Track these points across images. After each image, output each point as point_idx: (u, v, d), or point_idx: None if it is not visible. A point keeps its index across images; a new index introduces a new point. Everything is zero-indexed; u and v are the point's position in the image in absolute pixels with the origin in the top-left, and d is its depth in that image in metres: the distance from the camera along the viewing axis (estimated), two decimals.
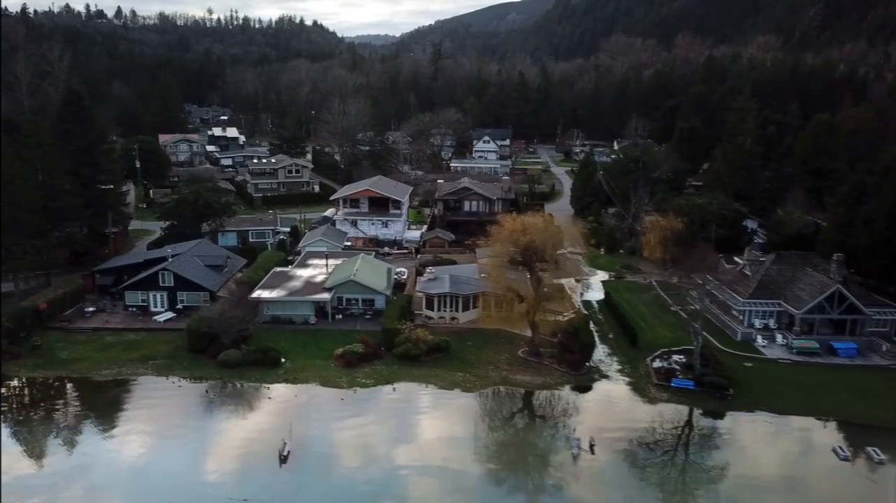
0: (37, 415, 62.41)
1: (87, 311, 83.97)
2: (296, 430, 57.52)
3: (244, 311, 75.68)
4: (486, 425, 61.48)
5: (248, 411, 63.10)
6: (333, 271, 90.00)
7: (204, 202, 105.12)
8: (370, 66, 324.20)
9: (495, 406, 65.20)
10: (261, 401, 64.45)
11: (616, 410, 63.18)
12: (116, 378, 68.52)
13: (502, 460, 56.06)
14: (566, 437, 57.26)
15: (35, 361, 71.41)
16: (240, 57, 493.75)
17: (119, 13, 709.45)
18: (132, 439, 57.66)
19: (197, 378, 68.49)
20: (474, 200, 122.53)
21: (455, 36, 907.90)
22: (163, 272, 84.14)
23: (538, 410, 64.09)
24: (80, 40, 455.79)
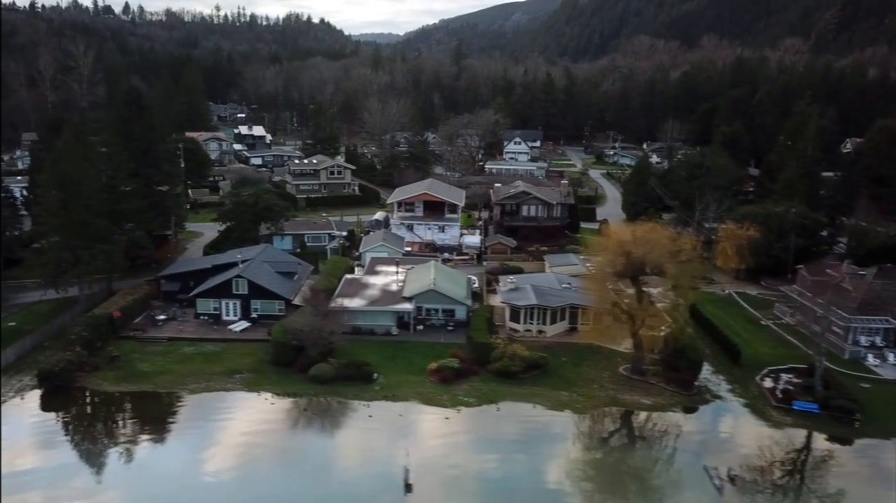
0: (132, 434, 59.08)
1: (158, 320, 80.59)
2: (411, 454, 54.23)
3: (330, 322, 72.30)
4: (610, 450, 58.24)
5: (353, 432, 59.79)
6: (407, 279, 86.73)
7: (264, 205, 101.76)
8: (391, 64, 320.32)
9: (612, 429, 61.98)
10: (363, 421, 61.08)
11: (742, 435, 59.90)
12: (206, 393, 64.92)
13: (644, 496, 52.50)
14: (704, 467, 53.80)
15: (116, 374, 68.06)
16: (248, 54, 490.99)
17: (127, 9, 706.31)
18: (245, 461, 54.38)
19: (290, 394, 65.22)
20: (533, 205, 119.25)
21: (461, 35, 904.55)
22: (237, 279, 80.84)
23: (658, 434, 60.75)
24: (91, 36, 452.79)
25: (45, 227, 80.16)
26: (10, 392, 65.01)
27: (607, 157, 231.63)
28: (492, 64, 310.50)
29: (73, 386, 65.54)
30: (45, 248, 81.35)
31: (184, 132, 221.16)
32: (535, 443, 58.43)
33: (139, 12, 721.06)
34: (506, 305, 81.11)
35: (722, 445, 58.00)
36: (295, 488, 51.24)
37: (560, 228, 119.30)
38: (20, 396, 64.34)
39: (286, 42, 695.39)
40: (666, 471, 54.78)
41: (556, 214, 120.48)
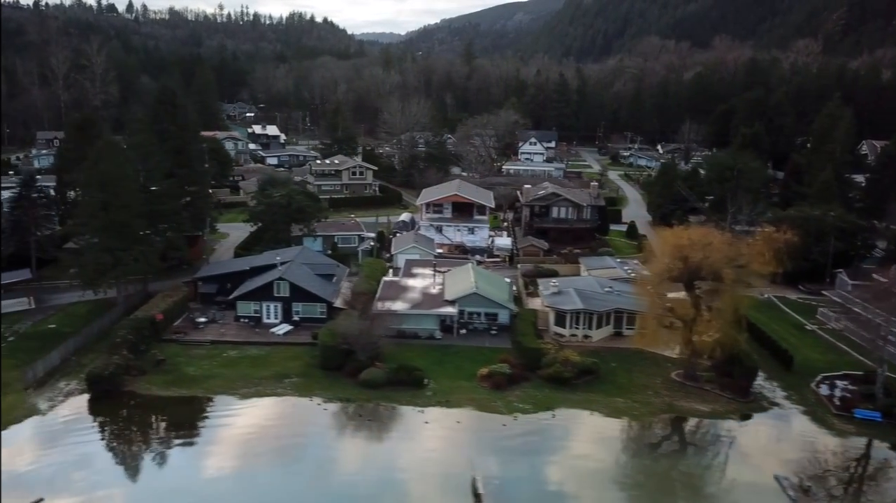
0: (192, 439, 58.19)
1: (199, 322, 79.65)
2: (476, 463, 53.34)
3: (377, 326, 71.43)
4: (677, 459, 57.34)
5: (412, 439, 58.79)
6: (446, 282, 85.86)
7: (297, 206, 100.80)
8: (401, 64, 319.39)
9: (675, 437, 61.06)
10: (421, 428, 60.15)
11: (806, 444, 58.95)
12: (257, 398, 64.02)
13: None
14: (775, 477, 52.90)
15: (164, 378, 67.14)
16: (252, 53, 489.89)
17: (130, 7, 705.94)
18: (312, 467, 53.61)
19: (342, 399, 64.32)
20: (563, 207, 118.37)
21: (464, 35, 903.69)
22: (278, 282, 79.92)
23: (722, 442, 59.82)
24: (95, 34, 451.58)
25: (85, 228, 79.01)
26: (59, 396, 64.14)
27: (623, 158, 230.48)
28: (503, 64, 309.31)
29: (121, 390, 64.44)
30: (84, 249, 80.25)
31: (198, 132, 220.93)
32: (598, 450, 57.49)
33: (143, 11, 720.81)
34: (550, 309, 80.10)
35: (787, 454, 57.05)
36: (364, 494, 50.32)
37: (590, 230, 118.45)
38: (68, 400, 63.15)
39: (289, 41, 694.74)
40: (737, 481, 53.77)
41: (585, 216, 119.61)
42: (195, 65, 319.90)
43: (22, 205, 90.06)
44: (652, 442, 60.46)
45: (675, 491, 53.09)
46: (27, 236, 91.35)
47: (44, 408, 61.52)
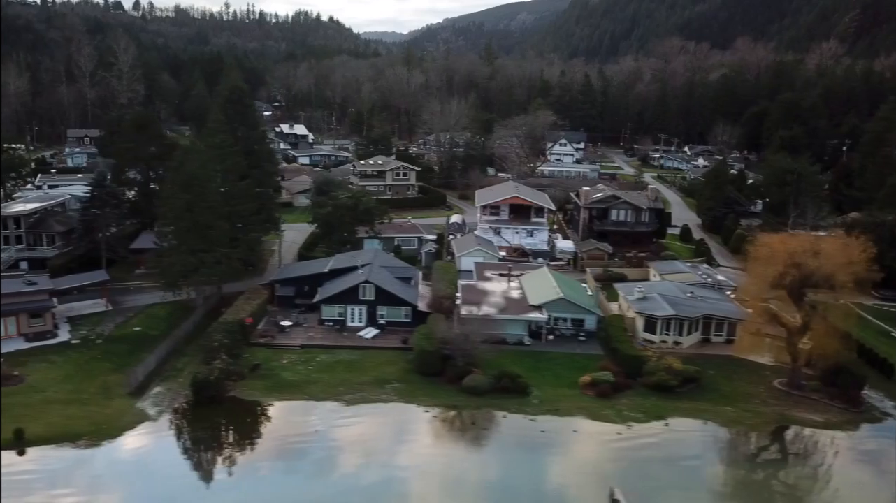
0: (304, 445, 57.22)
1: (284, 326, 78.71)
2: (607, 473, 52.54)
3: (471, 331, 70.54)
4: (812, 471, 56.48)
5: (533, 448, 57.87)
6: (525, 286, 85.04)
7: (364, 208, 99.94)
8: (421, 64, 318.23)
9: (799, 448, 60.15)
10: (537, 436, 59.27)
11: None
12: (363, 404, 63.12)
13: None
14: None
15: (263, 384, 66.25)
16: (260, 51, 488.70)
17: (137, 5, 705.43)
18: (444, 480, 52.77)
19: (450, 407, 63.45)
20: (622, 209, 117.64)
21: (468, 35, 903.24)
22: (364, 285, 79.04)
23: (851, 454, 58.81)
24: (103, 32, 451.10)
25: (170, 230, 78.01)
26: (163, 401, 63.12)
27: (652, 160, 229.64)
28: (526, 65, 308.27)
29: (225, 396, 63.46)
30: (166, 250, 79.26)
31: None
32: (725, 460, 56.76)
33: (149, 8, 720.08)
34: (639, 315, 79.16)
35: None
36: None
37: (649, 234, 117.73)
38: (174, 405, 62.18)
39: (295, 39, 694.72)
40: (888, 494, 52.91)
41: (643, 219, 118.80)
42: (214, 63, 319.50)
43: (94, 205, 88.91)
44: (779, 452, 59.50)
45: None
46: (98, 237, 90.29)
47: (153, 414, 60.42)
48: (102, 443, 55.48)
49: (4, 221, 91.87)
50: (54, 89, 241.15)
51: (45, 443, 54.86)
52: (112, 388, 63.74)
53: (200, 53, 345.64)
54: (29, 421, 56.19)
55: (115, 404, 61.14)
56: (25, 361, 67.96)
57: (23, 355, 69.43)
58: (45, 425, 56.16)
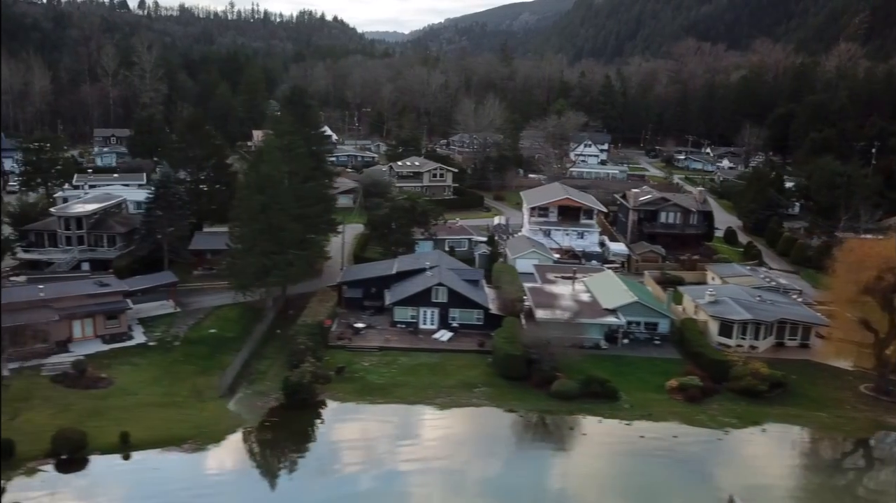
0: (409, 448, 56.91)
1: (358, 328, 78.36)
2: (718, 478, 52.27)
3: (555, 335, 70.23)
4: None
5: (637, 454, 57.53)
6: (592, 290, 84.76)
7: (422, 210, 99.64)
8: (438, 64, 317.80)
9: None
10: (637, 442, 59.00)
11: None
12: (457, 408, 62.84)
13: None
14: None
15: (351, 387, 65.99)
16: (265, 50, 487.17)
17: (142, 4, 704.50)
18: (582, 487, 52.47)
19: (543, 411, 63.21)
20: (672, 212, 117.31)
21: (471, 35, 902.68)
22: (437, 288, 78.78)
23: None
24: (112, 31, 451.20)
25: (244, 231, 77.56)
26: (255, 403, 62.75)
27: (677, 161, 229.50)
28: (543, 65, 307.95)
29: (316, 399, 63.13)
30: (239, 252, 78.79)
31: (251, 129, 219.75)
32: (835, 467, 56.50)
33: (154, 7, 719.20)
34: (713, 319, 78.88)
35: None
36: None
37: (698, 237, 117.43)
38: (266, 409, 61.80)
39: (300, 39, 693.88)
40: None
41: (692, 222, 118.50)
42: (230, 62, 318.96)
43: (159, 206, 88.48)
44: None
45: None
46: (160, 238, 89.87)
47: (249, 417, 60.06)
48: (208, 447, 55.14)
49: (67, 222, 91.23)
50: (76, 88, 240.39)
51: (150, 447, 54.42)
52: (203, 391, 63.36)
53: (216, 53, 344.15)
54: (130, 424, 55.79)
55: (209, 407, 60.78)
56: (108, 363, 67.57)
57: (104, 357, 69.07)
58: (146, 429, 55.74)
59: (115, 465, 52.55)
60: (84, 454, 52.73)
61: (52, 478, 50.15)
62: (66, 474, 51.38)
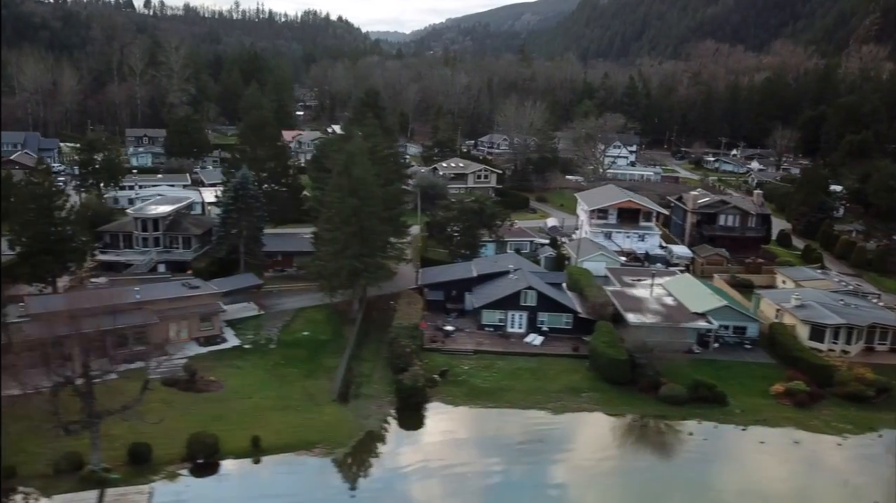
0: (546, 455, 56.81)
1: (447, 331, 78.17)
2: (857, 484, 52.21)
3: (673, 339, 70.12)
4: None
5: (766, 459, 57.40)
6: (674, 293, 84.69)
7: (490, 212, 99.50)
8: (459, 65, 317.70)
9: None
10: (759, 447, 58.97)
11: None
12: (570, 414, 62.75)
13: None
14: None
15: (459, 390, 65.95)
16: (271, 50, 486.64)
17: (148, 3, 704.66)
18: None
19: (657, 416, 63.05)
20: (731, 214, 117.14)
21: (474, 35, 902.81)
22: (526, 291, 78.61)
23: None
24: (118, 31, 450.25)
25: (335, 235, 77.26)
26: (369, 407, 62.54)
27: (706, 163, 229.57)
28: (565, 66, 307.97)
29: (428, 402, 62.97)
30: (330, 255, 78.45)
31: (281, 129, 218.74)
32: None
33: (160, 7, 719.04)
34: (802, 323, 78.73)
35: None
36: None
37: (757, 239, 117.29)
38: (382, 412, 61.63)
39: (305, 39, 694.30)
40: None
41: (750, 224, 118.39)
42: (252, 62, 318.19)
43: (238, 207, 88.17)
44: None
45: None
46: (238, 240, 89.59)
47: (369, 421, 59.83)
48: (337, 451, 54.96)
49: (144, 223, 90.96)
50: (102, 88, 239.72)
51: (280, 451, 54.27)
52: (315, 395, 63.17)
53: (237, 53, 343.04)
54: (255, 428, 55.69)
55: (327, 411, 60.60)
56: (211, 366, 67.30)
57: (203, 360, 68.77)
58: (272, 433, 55.56)
59: (249, 469, 52.27)
60: (217, 458, 52.41)
61: (194, 482, 49.85)
62: (202, 478, 50.98)
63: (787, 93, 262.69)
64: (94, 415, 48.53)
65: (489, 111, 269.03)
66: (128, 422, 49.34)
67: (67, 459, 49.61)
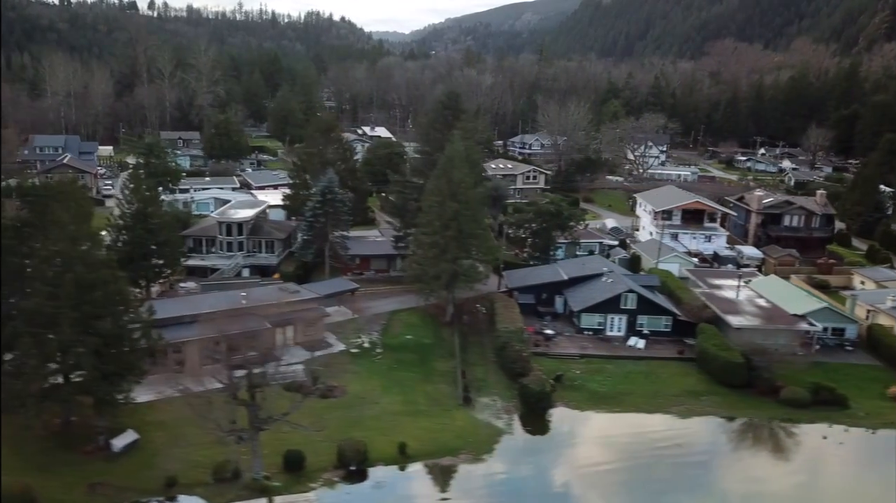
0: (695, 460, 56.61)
1: (548, 335, 77.90)
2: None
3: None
4: None
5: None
6: (765, 294, 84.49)
7: (568, 214, 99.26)
8: (480, 65, 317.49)
9: None
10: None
11: None
12: (697, 418, 62.51)
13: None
14: None
15: (579, 395, 65.72)
16: (275, 51, 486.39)
17: (152, 4, 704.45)
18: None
19: (784, 420, 62.82)
20: (796, 215, 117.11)
21: (476, 34, 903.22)
22: (627, 294, 78.37)
23: None
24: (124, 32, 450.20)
25: (434, 239, 76.91)
26: (496, 411, 62.25)
27: (737, 162, 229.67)
28: (588, 66, 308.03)
29: (552, 407, 62.73)
30: (429, 259, 78.09)
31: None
32: None
33: (164, 8, 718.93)
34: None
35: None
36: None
37: (823, 240, 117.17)
38: (509, 417, 61.33)
39: (309, 39, 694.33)
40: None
41: (814, 224, 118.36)
42: (271, 64, 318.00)
43: (325, 211, 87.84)
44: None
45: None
46: (325, 244, 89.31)
47: (503, 426, 59.59)
48: (484, 457, 54.62)
49: (228, 227, 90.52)
50: (131, 91, 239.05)
51: (425, 457, 53.97)
52: (440, 400, 62.94)
53: (265, 54, 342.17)
54: (392, 434, 55.48)
55: (457, 416, 60.36)
56: (324, 372, 66.62)
57: (315, 365, 68.14)
58: (412, 439, 55.18)
59: (401, 475, 51.99)
60: (366, 465, 52.12)
61: (353, 489, 49.56)
62: (355, 484, 50.70)
63: (812, 92, 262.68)
64: (258, 422, 48.12)
65: (516, 111, 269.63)
66: (295, 429, 48.88)
67: (224, 467, 49.18)
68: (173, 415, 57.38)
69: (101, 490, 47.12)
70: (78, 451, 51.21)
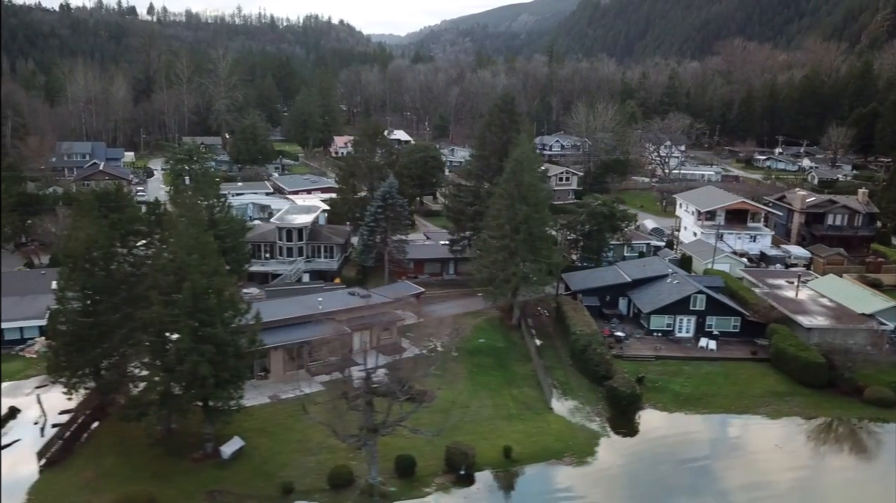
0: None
1: (619, 337, 77.96)
2: None
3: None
4: None
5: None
6: (828, 294, 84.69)
7: (621, 215, 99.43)
8: (493, 66, 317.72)
9: None
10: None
11: None
12: (786, 418, 62.62)
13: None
14: None
15: (663, 397, 65.87)
16: (274, 54, 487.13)
17: (151, 9, 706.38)
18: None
19: (874, 419, 62.94)
20: (839, 214, 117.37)
21: (473, 36, 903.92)
22: (696, 295, 78.49)
23: None
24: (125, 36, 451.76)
25: (504, 243, 76.96)
26: (587, 414, 62.23)
27: (756, 161, 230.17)
28: (601, 67, 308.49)
29: (641, 409, 62.81)
30: (499, 263, 78.14)
31: (332, 135, 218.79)
32: None
33: (163, 13, 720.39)
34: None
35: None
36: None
37: (867, 238, 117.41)
38: (599, 420, 61.38)
39: (308, 42, 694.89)
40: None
41: (857, 223, 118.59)
42: (283, 67, 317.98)
43: (386, 215, 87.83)
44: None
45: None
46: (384, 248, 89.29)
47: (599, 429, 59.60)
48: (588, 461, 54.70)
49: (288, 233, 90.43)
50: (149, 97, 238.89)
51: (530, 461, 54.00)
52: (529, 403, 62.88)
53: (278, 58, 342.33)
54: (493, 439, 55.55)
55: (550, 419, 60.39)
56: (411, 377, 66.55)
57: (401, 370, 67.98)
58: (513, 443, 55.22)
59: (512, 480, 52.01)
60: (474, 469, 52.11)
61: (470, 493, 49.55)
62: (466, 488, 50.68)
63: (826, 90, 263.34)
64: (373, 427, 48.08)
65: (531, 112, 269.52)
66: (413, 434, 48.89)
67: (340, 473, 49.14)
68: (269, 421, 57.52)
69: (221, 498, 47.04)
70: (187, 459, 51.08)
